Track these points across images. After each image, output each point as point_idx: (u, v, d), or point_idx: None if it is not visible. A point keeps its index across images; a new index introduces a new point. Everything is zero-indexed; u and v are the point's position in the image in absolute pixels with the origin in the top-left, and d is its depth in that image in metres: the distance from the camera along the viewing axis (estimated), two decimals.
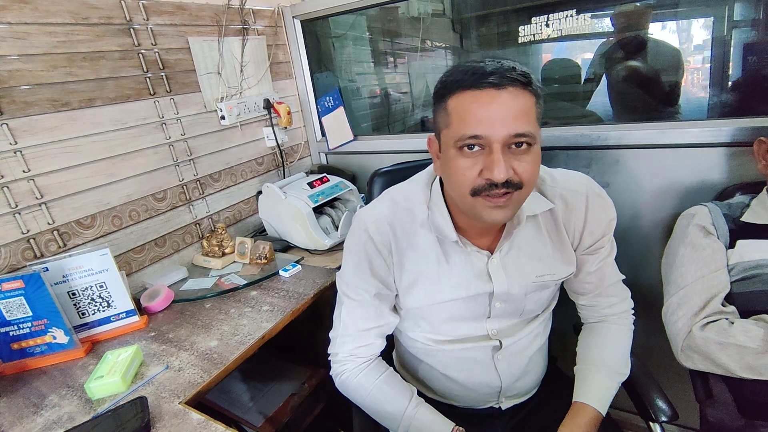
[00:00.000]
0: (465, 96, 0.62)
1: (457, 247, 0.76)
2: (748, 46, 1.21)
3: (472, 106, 0.61)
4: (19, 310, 0.92)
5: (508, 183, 0.62)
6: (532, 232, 0.78)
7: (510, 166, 0.61)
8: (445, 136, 0.67)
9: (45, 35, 1.01)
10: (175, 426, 0.74)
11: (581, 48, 1.56)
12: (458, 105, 0.63)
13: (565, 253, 0.79)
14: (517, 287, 0.78)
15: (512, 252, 0.77)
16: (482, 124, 0.61)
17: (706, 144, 1.11)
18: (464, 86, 0.62)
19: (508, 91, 0.61)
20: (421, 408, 0.79)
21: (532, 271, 0.78)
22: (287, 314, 1.04)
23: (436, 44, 2.04)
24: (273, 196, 1.43)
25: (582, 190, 0.77)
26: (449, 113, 0.65)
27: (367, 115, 1.99)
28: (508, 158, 0.62)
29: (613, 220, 0.80)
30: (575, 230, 0.78)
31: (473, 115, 0.61)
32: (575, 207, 0.77)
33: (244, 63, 1.50)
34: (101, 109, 1.12)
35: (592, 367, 0.81)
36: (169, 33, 1.27)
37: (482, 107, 0.61)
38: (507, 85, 0.60)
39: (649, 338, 1.04)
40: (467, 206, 0.67)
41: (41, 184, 1.03)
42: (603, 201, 0.79)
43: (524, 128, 0.61)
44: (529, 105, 0.62)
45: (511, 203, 0.65)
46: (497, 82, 0.60)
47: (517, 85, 0.61)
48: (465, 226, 0.76)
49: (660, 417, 0.79)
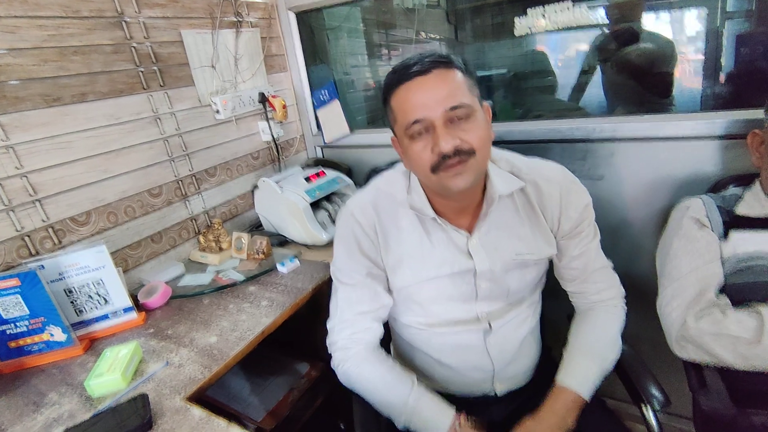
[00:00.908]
0: (400, 90, 0.70)
1: (437, 225, 0.80)
2: (741, 38, 1.22)
3: (407, 96, 0.70)
4: (16, 309, 0.92)
5: (458, 151, 0.68)
6: (510, 213, 0.81)
7: (456, 136, 0.68)
8: (397, 130, 0.75)
9: (35, 29, 0.99)
10: (177, 422, 0.74)
11: (575, 39, 1.56)
12: (397, 100, 0.71)
13: (544, 234, 0.83)
14: (498, 265, 0.81)
15: (491, 232, 0.81)
16: (419, 108, 0.68)
17: (699, 136, 1.12)
18: (396, 83, 0.71)
19: (434, 74, 0.68)
20: (424, 396, 0.80)
21: (512, 249, 0.81)
22: (286, 309, 1.05)
23: (431, 36, 2.03)
24: (269, 190, 1.43)
25: (556, 178, 0.82)
26: (393, 110, 0.73)
27: (363, 107, 1.98)
28: (453, 130, 0.68)
29: (589, 204, 0.83)
30: (552, 215, 0.82)
31: (410, 103, 0.69)
32: (549, 194, 0.81)
33: (239, 56, 1.48)
34: (94, 103, 1.11)
35: (576, 352, 0.83)
36: (162, 26, 1.25)
37: (415, 94, 0.69)
38: (431, 69, 0.68)
39: (642, 328, 1.06)
40: (434, 184, 0.73)
41: (35, 180, 1.01)
42: (577, 187, 0.83)
43: (457, 100, 0.68)
44: (457, 80, 0.69)
45: (468, 168, 0.70)
46: (420, 69, 0.68)
47: (440, 66, 0.69)
48: (442, 208, 0.80)
49: (653, 402, 0.80)
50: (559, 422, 0.75)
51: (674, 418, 1.40)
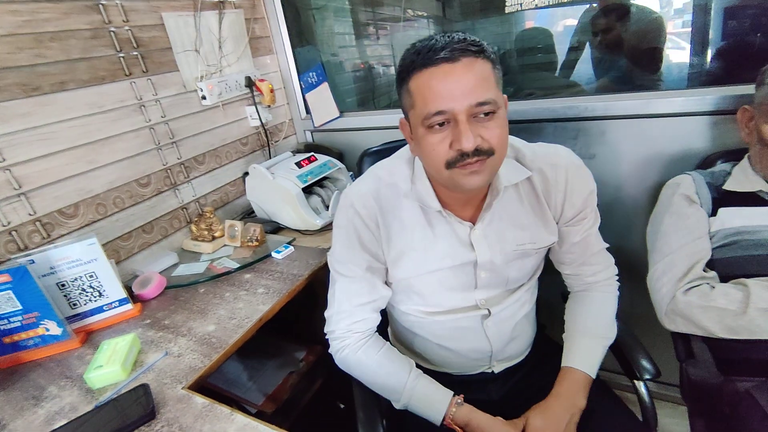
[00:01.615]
0: (422, 75, 0.64)
1: (440, 217, 0.78)
2: (729, 11, 1.21)
3: (430, 83, 0.63)
4: (8, 304, 0.91)
5: (478, 150, 0.64)
6: (513, 203, 0.80)
7: (477, 134, 0.64)
8: (412, 116, 0.69)
9: (8, 14, 0.94)
10: (180, 410, 0.75)
11: (563, 15, 1.54)
12: (418, 85, 0.65)
13: (546, 223, 0.82)
14: (499, 256, 0.80)
15: (494, 222, 0.79)
16: (443, 98, 0.63)
17: (689, 113, 1.13)
18: (419, 66, 0.64)
19: (462, 63, 0.62)
20: (421, 379, 0.81)
21: (514, 240, 0.80)
22: (283, 296, 1.05)
23: (419, 14, 1.99)
24: (260, 177, 1.41)
25: (562, 163, 0.79)
26: (412, 94, 0.67)
27: (352, 89, 1.95)
28: (475, 127, 0.64)
29: (594, 191, 0.81)
30: (556, 202, 0.80)
31: (433, 92, 0.63)
32: (555, 180, 0.78)
33: (223, 39, 1.44)
34: (75, 92, 1.07)
35: (578, 334, 0.85)
36: (141, 8, 1.20)
37: (440, 82, 0.63)
38: (460, 57, 0.62)
39: (633, 303, 1.09)
40: (445, 179, 0.69)
41: (18, 174, 0.99)
42: (583, 172, 0.80)
43: (485, 96, 0.63)
44: (486, 72, 0.64)
45: (485, 168, 0.66)
46: (449, 55, 0.62)
47: (470, 54, 0.62)
48: (447, 199, 0.78)
49: (644, 375, 0.83)
50: (571, 403, 0.76)
51: (662, 386, 1.45)
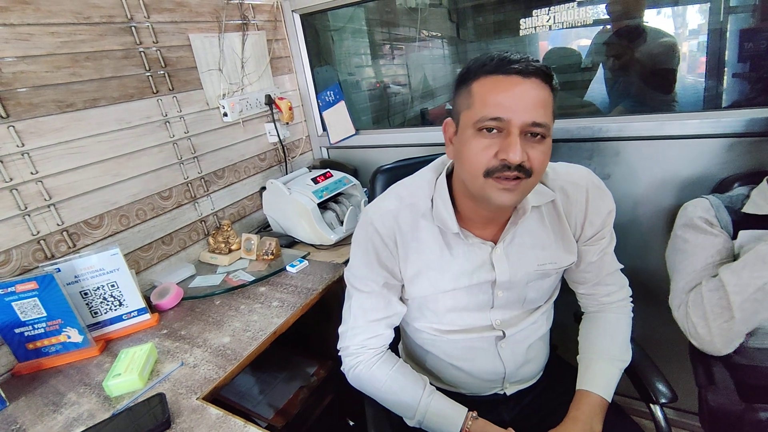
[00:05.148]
0: (490, 79, 0.65)
1: (458, 238, 0.78)
2: (744, 33, 1.22)
3: (497, 88, 0.64)
4: (34, 311, 0.94)
5: (521, 167, 0.64)
6: (535, 223, 0.80)
7: (525, 152, 0.64)
8: (465, 117, 0.69)
9: (48, 36, 1.01)
10: (195, 421, 0.76)
11: (576, 35, 1.56)
12: (482, 87, 0.66)
13: (567, 243, 0.82)
14: (519, 275, 0.80)
15: (515, 241, 0.79)
16: (504, 107, 0.63)
17: (704, 135, 1.13)
18: (490, 70, 0.65)
19: (532, 81, 0.64)
20: (436, 396, 0.81)
21: (535, 260, 0.80)
22: (297, 309, 1.06)
23: (433, 34, 2.04)
24: (277, 192, 1.44)
25: (582, 183, 0.80)
26: (472, 95, 0.67)
27: (367, 108, 1.99)
28: (524, 144, 0.64)
29: (613, 211, 0.82)
30: (576, 221, 0.81)
31: (496, 98, 0.64)
32: (576, 199, 0.79)
33: (245, 59, 1.49)
34: (105, 108, 1.12)
35: (593, 356, 0.83)
36: (170, 30, 1.27)
37: (505, 92, 0.64)
38: (532, 75, 0.63)
39: (649, 325, 1.07)
40: (477, 187, 0.68)
41: (49, 185, 1.03)
42: (603, 193, 0.81)
43: (542, 119, 0.64)
44: (548, 98, 0.65)
45: (520, 188, 0.67)
46: (523, 69, 0.63)
47: (541, 76, 0.64)
48: (471, 214, 0.77)
49: (660, 399, 0.81)
50: (588, 428, 0.75)
51: (680, 413, 1.41)
